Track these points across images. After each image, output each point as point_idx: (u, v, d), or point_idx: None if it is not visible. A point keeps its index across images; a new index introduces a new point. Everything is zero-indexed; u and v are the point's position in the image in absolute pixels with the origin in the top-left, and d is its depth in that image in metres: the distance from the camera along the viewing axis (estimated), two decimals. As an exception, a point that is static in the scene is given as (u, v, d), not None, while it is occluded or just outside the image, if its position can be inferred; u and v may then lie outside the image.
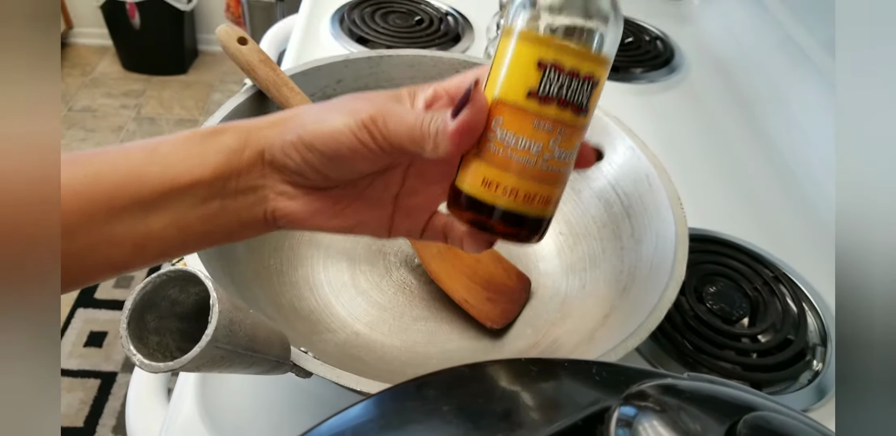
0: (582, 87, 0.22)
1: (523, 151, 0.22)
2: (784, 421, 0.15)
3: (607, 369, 0.18)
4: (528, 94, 0.21)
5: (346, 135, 0.24)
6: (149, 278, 0.22)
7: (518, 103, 0.21)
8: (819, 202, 0.61)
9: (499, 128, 0.22)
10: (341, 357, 0.41)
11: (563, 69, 0.21)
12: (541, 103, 0.21)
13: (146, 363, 0.21)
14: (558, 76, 0.21)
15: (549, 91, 0.21)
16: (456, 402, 0.17)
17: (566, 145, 0.22)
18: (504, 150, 0.22)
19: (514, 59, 0.21)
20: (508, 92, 0.22)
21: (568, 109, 0.22)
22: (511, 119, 0.22)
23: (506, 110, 0.22)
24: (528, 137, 0.22)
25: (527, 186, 0.22)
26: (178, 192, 0.24)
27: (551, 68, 0.21)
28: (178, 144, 0.24)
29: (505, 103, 0.22)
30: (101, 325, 1.24)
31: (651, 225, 0.42)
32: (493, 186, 0.22)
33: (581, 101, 0.22)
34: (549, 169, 0.22)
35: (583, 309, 0.44)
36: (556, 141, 0.22)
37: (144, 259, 0.25)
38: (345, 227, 0.28)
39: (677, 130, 0.69)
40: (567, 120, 0.22)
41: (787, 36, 0.72)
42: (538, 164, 0.22)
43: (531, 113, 0.21)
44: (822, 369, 0.47)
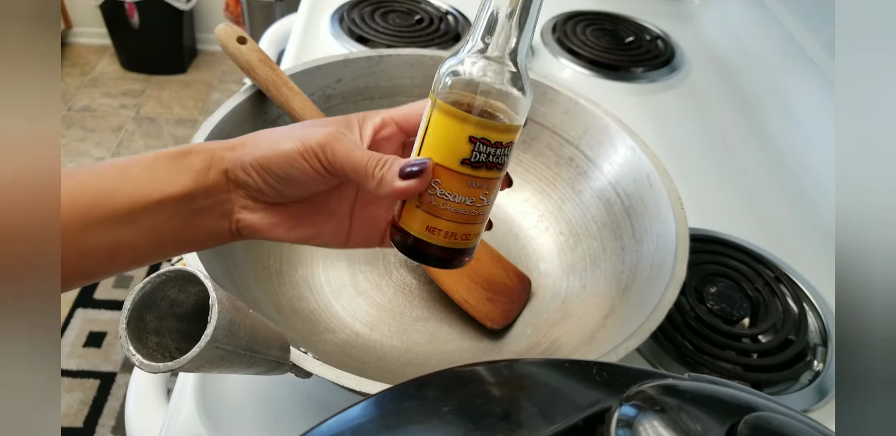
0: (504, 152, 0.27)
1: (460, 204, 0.27)
2: (785, 421, 0.15)
3: (608, 370, 0.18)
4: (462, 162, 0.26)
5: (296, 160, 0.27)
6: (148, 278, 0.22)
7: (454, 168, 0.26)
8: (819, 202, 0.61)
9: (439, 187, 0.27)
10: (341, 358, 0.41)
11: (490, 142, 0.26)
12: (473, 168, 0.26)
13: (145, 364, 0.21)
14: (486, 148, 0.26)
15: (479, 159, 0.26)
16: (456, 402, 0.17)
17: (491, 194, 0.28)
18: (444, 203, 0.27)
19: (449, 133, 0.26)
20: (445, 159, 0.26)
21: (494, 169, 0.27)
22: (449, 181, 0.26)
23: (444, 174, 0.26)
24: (463, 194, 0.27)
25: (463, 228, 0.28)
26: (150, 209, 0.26)
27: (480, 143, 0.26)
28: (148, 165, 0.26)
29: (443, 168, 0.26)
30: (100, 325, 1.24)
31: (651, 225, 0.42)
32: (435, 232, 0.27)
33: (503, 161, 0.27)
34: (480, 213, 0.28)
35: (583, 309, 0.44)
36: (485, 193, 0.27)
37: (117, 266, 0.26)
38: (303, 238, 0.30)
39: (678, 130, 0.69)
40: (493, 177, 0.27)
41: (787, 35, 0.72)
42: (471, 212, 0.27)
43: (466, 176, 0.26)
44: (822, 369, 0.46)
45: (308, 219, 0.30)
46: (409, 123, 0.30)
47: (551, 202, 0.52)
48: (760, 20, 0.79)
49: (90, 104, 1.81)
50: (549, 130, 0.51)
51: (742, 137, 0.69)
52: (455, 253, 0.28)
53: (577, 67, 0.75)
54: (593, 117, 0.48)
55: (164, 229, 0.27)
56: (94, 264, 0.25)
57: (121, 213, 0.25)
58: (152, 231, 0.26)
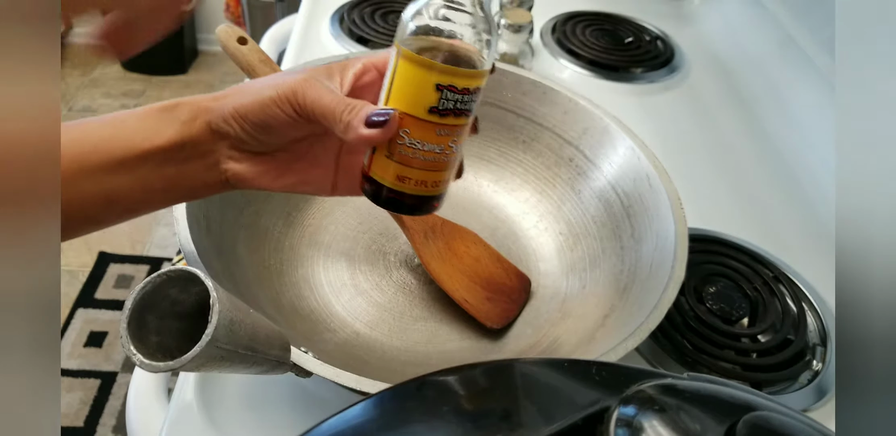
0: (471, 98, 0.26)
1: (429, 152, 0.27)
2: (784, 421, 0.15)
3: (607, 369, 0.18)
4: (430, 110, 0.26)
5: (269, 106, 0.27)
6: (149, 278, 0.22)
7: (422, 117, 0.26)
8: (819, 202, 0.61)
9: (408, 137, 0.26)
10: (341, 357, 0.41)
11: (457, 89, 0.26)
12: (441, 116, 0.26)
13: (146, 363, 0.21)
14: (453, 95, 0.26)
15: (447, 106, 0.26)
16: (456, 402, 0.17)
17: (460, 140, 0.28)
18: (413, 152, 0.27)
19: (415, 82, 0.26)
20: (413, 108, 0.26)
21: (462, 116, 0.27)
22: (417, 130, 0.26)
23: (412, 123, 0.26)
24: (432, 142, 0.27)
25: (433, 176, 0.28)
26: (140, 158, 0.27)
27: (447, 90, 0.25)
28: (139, 118, 0.28)
29: (411, 117, 0.26)
30: (101, 325, 1.24)
31: (651, 225, 0.43)
32: (406, 181, 0.28)
33: (471, 107, 0.27)
34: (449, 160, 0.28)
35: (583, 309, 0.44)
36: (454, 140, 0.27)
37: (116, 213, 0.28)
38: (290, 185, 0.31)
39: (677, 131, 0.69)
40: (461, 124, 0.27)
41: (787, 36, 0.72)
42: (440, 159, 0.27)
43: (434, 124, 0.26)
44: (821, 368, 0.47)
45: (294, 167, 0.31)
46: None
47: (551, 202, 0.52)
48: (759, 21, 0.79)
49: (90, 105, 1.81)
50: (548, 131, 0.51)
51: (741, 137, 0.70)
52: (425, 200, 0.29)
53: (576, 68, 0.75)
54: (593, 118, 0.48)
55: (155, 178, 0.28)
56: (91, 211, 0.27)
57: (113, 162, 0.27)
58: (143, 180, 0.28)
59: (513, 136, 0.53)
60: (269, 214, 0.48)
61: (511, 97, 0.52)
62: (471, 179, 0.55)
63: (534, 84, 0.50)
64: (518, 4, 0.67)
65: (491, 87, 0.52)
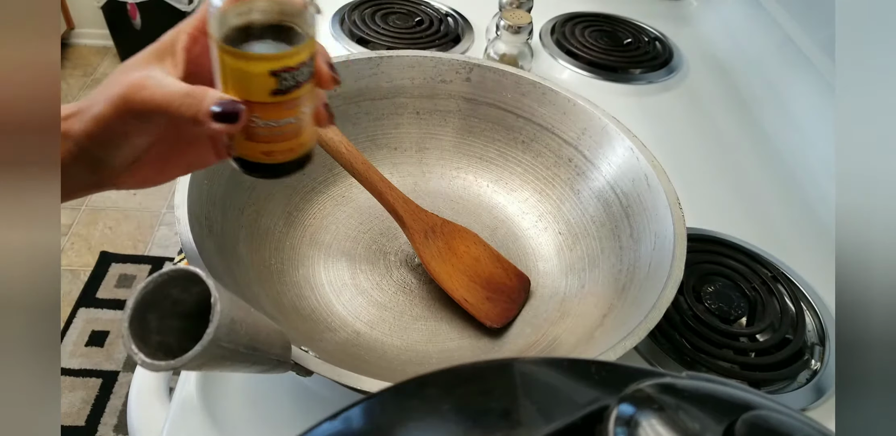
0: (308, 66, 0.26)
1: (285, 125, 0.27)
2: (782, 420, 0.15)
3: (606, 368, 0.18)
4: (273, 93, 0.26)
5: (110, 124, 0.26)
6: (150, 278, 0.22)
7: (267, 101, 0.26)
8: (817, 202, 0.61)
9: (260, 120, 0.26)
10: (342, 356, 0.42)
11: (292, 67, 0.25)
12: (285, 94, 0.26)
13: (148, 362, 0.22)
14: (289, 74, 0.25)
15: (287, 85, 0.26)
16: (456, 401, 0.17)
17: (311, 102, 0.28)
18: (271, 130, 0.27)
19: (248, 74, 0.25)
20: (256, 96, 0.26)
21: (305, 85, 0.26)
22: (267, 112, 0.26)
23: (259, 108, 0.26)
24: (285, 117, 0.27)
25: (297, 141, 0.28)
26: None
27: (282, 72, 0.25)
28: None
29: (257, 103, 0.26)
30: (102, 324, 1.24)
31: (649, 225, 0.43)
32: (272, 154, 0.28)
33: (310, 72, 0.26)
34: (305, 123, 0.28)
35: (582, 308, 0.44)
36: (304, 106, 0.27)
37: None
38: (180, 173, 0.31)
39: (676, 131, 0.69)
40: (305, 92, 0.27)
41: (785, 36, 0.72)
42: (297, 127, 0.27)
43: (280, 103, 0.26)
44: (820, 368, 0.47)
45: (171, 158, 0.30)
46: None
47: (550, 202, 0.52)
48: (758, 21, 0.79)
49: (91, 104, 1.81)
50: (548, 131, 0.51)
51: (740, 138, 0.70)
52: (298, 161, 0.29)
53: (575, 69, 0.75)
54: (592, 118, 0.48)
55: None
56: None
57: None
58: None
59: (512, 136, 0.53)
60: (270, 214, 0.48)
61: (511, 98, 0.52)
62: (471, 179, 0.56)
63: (533, 85, 0.50)
64: (517, 6, 0.67)
65: (491, 87, 0.52)
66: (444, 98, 0.53)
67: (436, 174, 0.56)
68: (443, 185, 0.55)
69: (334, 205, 0.52)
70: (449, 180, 0.56)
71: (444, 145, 0.55)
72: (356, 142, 0.52)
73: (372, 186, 0.44)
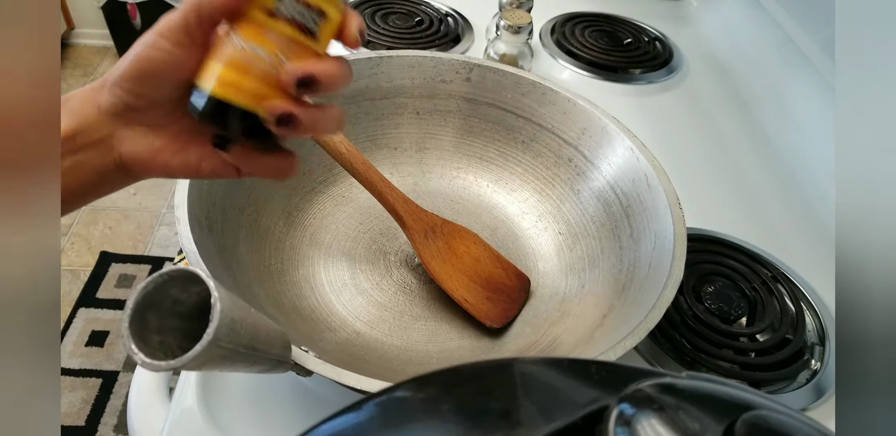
0: (307, 14, 0.26)
1: (256, 57, 0.26)
2: (782, 420, 0.15)
3: (606, 368, 0.18)
4: (266, 12, 0.25)
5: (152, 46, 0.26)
6: (150, 278, 0.22)
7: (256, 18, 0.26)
8: (817, 202, 0.61)
9: (237, 39, 0.26)
10: (342, 356, 0.42)
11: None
12: (273, 19, 0.26)
13: (148, 362, 0.22)
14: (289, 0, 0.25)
15: (280, 9, 0.25)
16: (456, 401, 0.17)
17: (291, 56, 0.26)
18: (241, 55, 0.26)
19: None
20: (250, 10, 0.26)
21: (294, 28, 0.26)
22: (248, 31, 0.26)
23: (244, 22, 0.26)
24: (259, 44, 0.26)
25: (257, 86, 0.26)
26: None
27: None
28: None
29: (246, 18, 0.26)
30: (102, 324, 1.24)
31: (649, 225, 0.43)
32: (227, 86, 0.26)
33: (310, 27, 0.26)
34: (269, 76, 0.26)
35: (582, 308, 0.44)
36: (282, 52, 0.26)
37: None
38: (191, 164, 0.29)
39: (676, 131, 0.69)
40: (292, 36, 0.26)
41: (785, 36, 0.72)
42: (261, 70, 0.26)
43: (264, 27, 0.26)
44: (820, 368, 0.47)
45: (192, 141, 0.29)
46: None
47: (550, 202, 0.52)
48: (758, 21, 0.79)
49: (91, 104, 1.81)
50: (548, 131, 0.51)
51: (740, 138, 0.70)
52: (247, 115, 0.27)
53: (575, 69, 0.75)
54: (592, 118, 0.48)
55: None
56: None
57: None
58: None
59: (512, 136, 0.53)
60: (270, 214, 0.48)
61: (511, 98, 0.52)
62: (471, 179, 0.56)
63: (533, 85, 0.50)
64: (517, 6, 0.67)
65: (491, 87, 0.52)
66: (444, 98, 0.53)
67: (436, 174, 0.56)
68: (443, 185, 0.55)
69: (334, 205, 0.52)
70: (449, 180, 0.56)
71: (444, 145, 0.55)
72: (356, 142, 0.52)
73: (372, 186, 0.44)
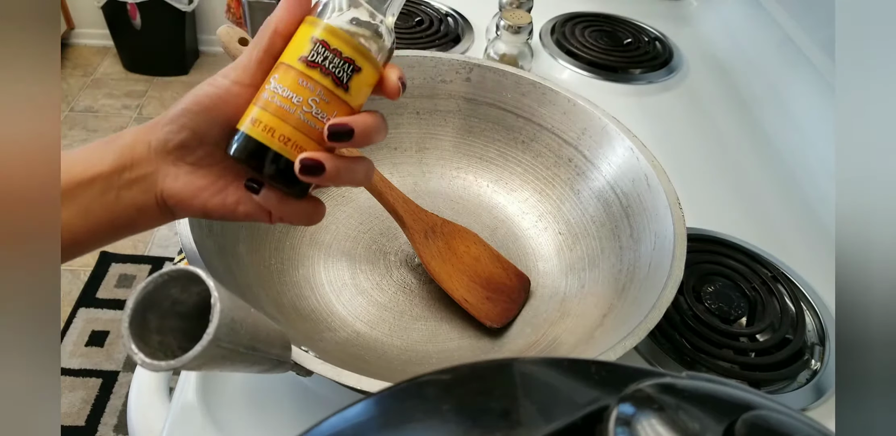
0: (342, 65, 0.28)
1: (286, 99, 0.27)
2: (782, 420, 0.15)
3: (606, 368, 0.18)
4: (300, 58, 0.27)
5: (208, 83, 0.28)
6: (150, 278, 0.22)
7: (292, 64, 0.28)
8: (817, 202, 0.61)
9: (274, 81, 0.28)
10: (342, 356, 0.42)
11: (328, 46, 0.27)
12: (308, 67, 0.27)
13: (148, 362, 0.22)
14: (324, 50, 0.27)
15: (315, 59, 0.27)
16: (456, 401, 0.17)
17: (323, 107, 0.28)
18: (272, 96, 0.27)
19: (299, 35, 0.28)
20: (288, 57, 0.28)
21: (329, 78, 0.28)
22: (283, 75, 0.27)
23: (281, 68, 0.28)
24: (291, 89, 0.27)
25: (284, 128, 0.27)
26: (82, 186, 0.27)
27: (319, 44, 0.27)
28: (85, 149, 0.28)
29: (284, 64, 0.28)
30: (102, 324, 1.24)
31: (649, 225, 0.43)
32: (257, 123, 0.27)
33: (341, 76, 0.28)
34: (304, 119, 0.28)
35: (582, 308, 0.44)
36: (315, 100, 0.28)
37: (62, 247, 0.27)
38: (228, 205, 0.30)
39: (676, 131, 0.69)
40: (327, 85, 0.28)
41: (785, 36, 0.72)
42: (296, 111, 0.27)
43: (298, 72, 0.27)
44: (820, 368, 0.47)
45: (232, 184, 0.30)
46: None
47: (550, 202, 0.52)
48: (758, 21, 0.79)
49: (92, 105, 1.82)
50: (547, 131, 0.51)
51: (740, 138, 0.70)
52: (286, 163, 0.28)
53: (575, 69, 0.75)
54: (592, 118, 0.48)
55: (95, 206, 0.28)
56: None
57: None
58: (85, 209, 0.27)
59: (512, 136, 0.53)
60: (270, 214, 0.48)
61: (511, 98, 0.52)
62: (471, 179, 0.56)
63: (533, 85, 0.50)
64: (517, 6, 0.67)
65: (491, 87, 0.52)
66: (444, 98, 0.53)
67: (436, 174, 0.56)
68: (443, 185, 0.55)
69: (334, 205, 0.52)
70: (449, 180, 0.56)
71: (444, 145, 0.55)
72: (356, 142, 0.52)
73: (372, 186, 0.44)
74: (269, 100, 0.27)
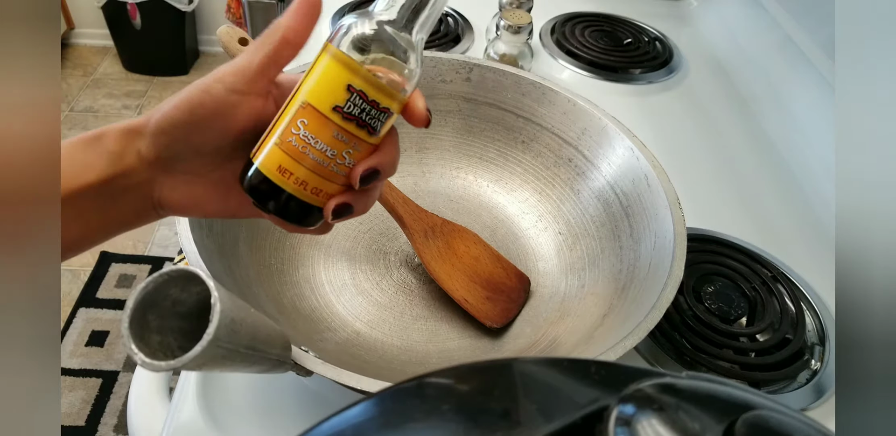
0: (378, 115, 0.26)
1: (320, 152, 0.26)
2: (782, 420, 0.15)
3: (606, 368, 0.18)
4: (335, 108, 0.25)
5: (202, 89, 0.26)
6: (150, 278, 0.22)
7: (324, 112, 0.25)
8: (817, 202, 0.61)
9: (304, 128, 0.25)
10: (342, 356, 0.42)
11: (367, 98, 0.25)
12: (343, 119, 0.25)
13: (148, 362, 0.22)
14: (361, 101, 0.25)
15: (352, 111, 0.25)
16: (455, 400, 0.17)
17: (356, 156, 0.27)
18: (304, 147, 0.26)
19: (331, 76, 0.25)
20: (318, 101, 0.25)
21: (364, 130, 0.26)
22: (316, 124, 0.25)
23: (313, 115, 0.25)
24: (326, 142, 0.26)
25: (317, 181, 0.26)
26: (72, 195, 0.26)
27: (357, 95, 0.25)
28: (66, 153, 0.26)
29: (314, 109, 0.25)
30: (102, 324, 1.24)
31: (649, 225, 0.43)
32: (287, 175, 0.26)
33: (376, 126, 0.26)
34: (338, 171, 0.27)
35: (582, 308, 0.44)
36: (349, 152, 0.26)
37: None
38: (230, 209, 0.29)
39: (676, 131, 0.69)
40: (361, 137, 0.26)
41: (785, 36, 0.72)
42: (330, 165, 0.26)
43: (334, 124, 0.25)
44: (820, 368, 0.47)
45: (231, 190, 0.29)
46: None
47: (550, 202, 0.52)
48: (758, 21, 0.79)
49: (92, 105, 1.82)
50: (547, 131, 0.51)
51: (740, 138, 0.70)
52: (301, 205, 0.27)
53: (575, 69, 0.75)
54: (592, 118, 0.48)
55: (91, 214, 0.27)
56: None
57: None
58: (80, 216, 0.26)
59: (512, 136, 0.53)
60: (270, 214, 0.48)
61: (511, 98, 0.52)
62: (471, 179, 0.56)
63: (533, 85, 0.50)
64: (517, 6, 0.67)
65: (491, 87, 0.52)
66: (444, 98, 0.53)
67: (436, 174, 0.56)
68: (443, 185, 0.55)
69: (334, 205, 0.52)
70: (449, 180, 0.56)
71: (444, 145, 0.55)
72: (356, 142, 0.52)
73: (372, 186, 0.44)
74: (302, 151, 0.26)
